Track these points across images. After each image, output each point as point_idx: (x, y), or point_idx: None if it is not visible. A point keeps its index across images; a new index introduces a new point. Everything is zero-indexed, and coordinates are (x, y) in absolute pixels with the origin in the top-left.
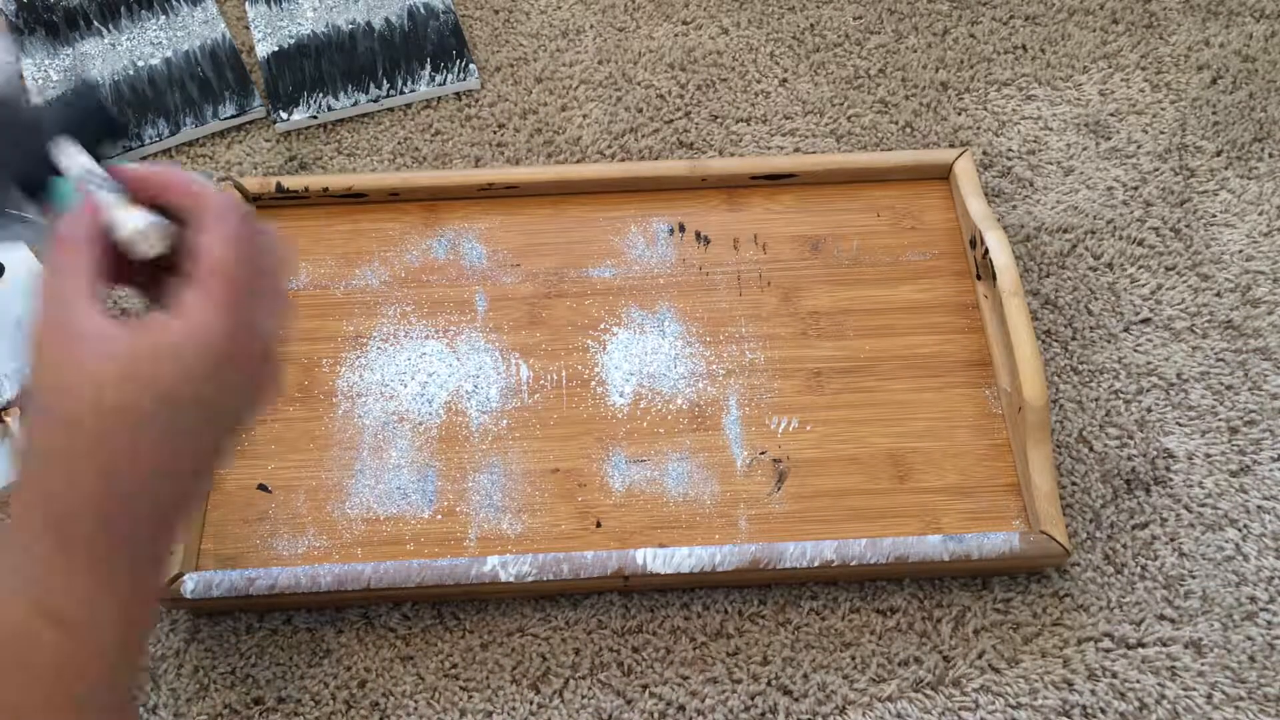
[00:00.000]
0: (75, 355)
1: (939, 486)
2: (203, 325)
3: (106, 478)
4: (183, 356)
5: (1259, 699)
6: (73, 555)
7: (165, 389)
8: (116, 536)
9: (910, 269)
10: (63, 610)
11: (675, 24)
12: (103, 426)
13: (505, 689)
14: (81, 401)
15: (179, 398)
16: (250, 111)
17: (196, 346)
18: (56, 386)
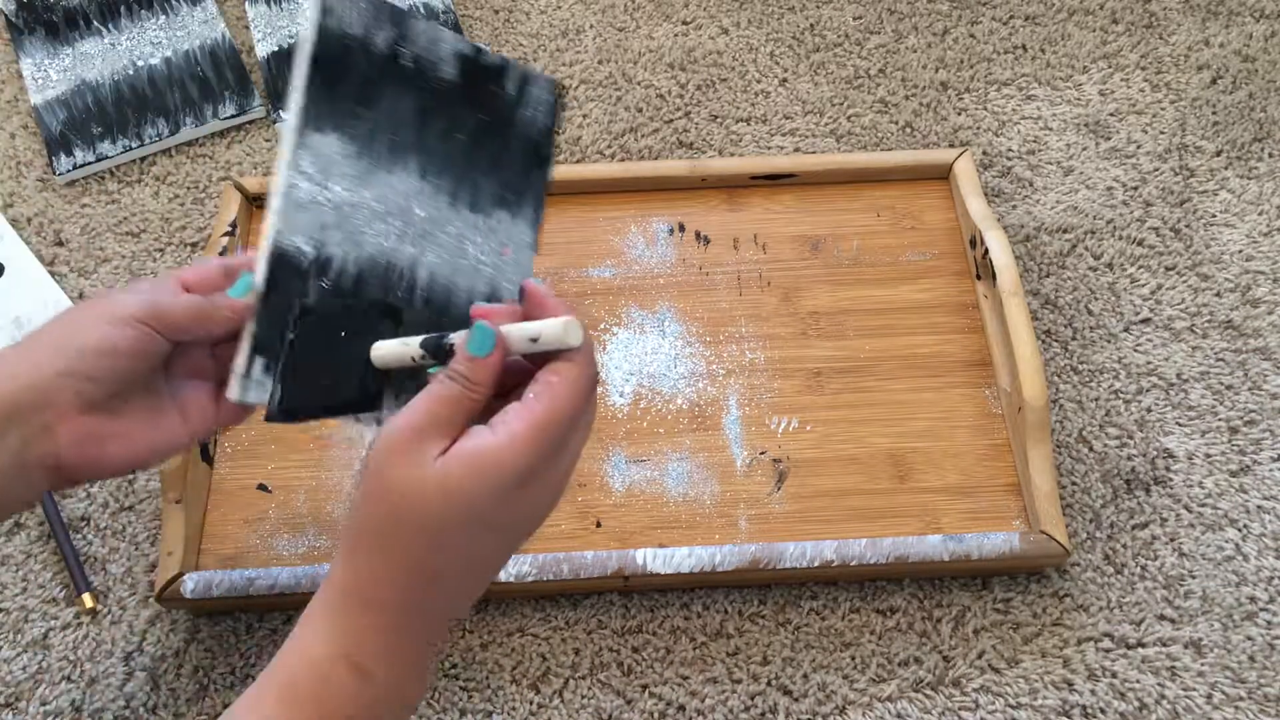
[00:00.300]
0: (413, 474)
1: (939, 486)
2: (508, 451)
3: (409, 574)
4: (484, 486)
5: (1259, 699)
6: (374, 626)
7: (472, 508)
8: (414, 617)
9: (910, 269)
10: (363, 662)
11: (675, 24)
12: (411, 538)
13: (505, 689)
14: (399, 517)
15: (481, 514)
16: (250, 111)
17: (498, 473)
18: (389, 496)
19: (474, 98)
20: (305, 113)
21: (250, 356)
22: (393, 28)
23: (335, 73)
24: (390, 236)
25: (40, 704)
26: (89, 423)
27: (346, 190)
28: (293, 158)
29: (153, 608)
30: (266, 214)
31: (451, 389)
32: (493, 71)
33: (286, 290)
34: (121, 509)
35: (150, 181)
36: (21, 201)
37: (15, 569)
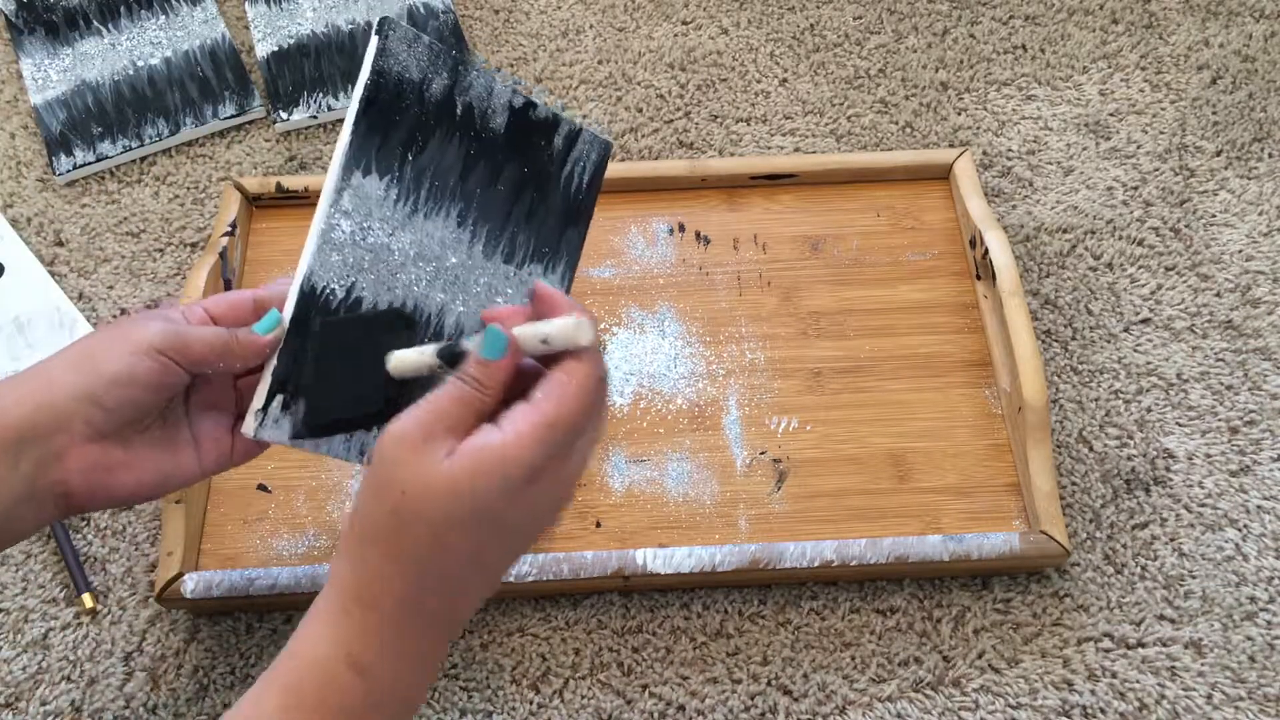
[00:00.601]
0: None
1: (939, 486)
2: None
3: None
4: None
5: (1259, 699)
6: (379, 624)
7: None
8: (417, 616)
9: (910, 269)
10: (364, 660)
11: (675, 24)
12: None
13: (505, 689)
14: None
15: (487, 513)
16: (250, 111)
17: (503, 472)
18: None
19: (520, 150)
20: (351, 154)
21: (270, 394)
22: (449, 75)
23: (386, 115)
24: (421, 282)
25: (40, 704)
26: (97, 451)
27: (384, 234)
28: (334, 197)
29: (153, 608)
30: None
31: (462, 390)
32: (543, 125)
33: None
34: (122, 509)
35: (150, 181)
36: (21, 201)
37: (15, 569)
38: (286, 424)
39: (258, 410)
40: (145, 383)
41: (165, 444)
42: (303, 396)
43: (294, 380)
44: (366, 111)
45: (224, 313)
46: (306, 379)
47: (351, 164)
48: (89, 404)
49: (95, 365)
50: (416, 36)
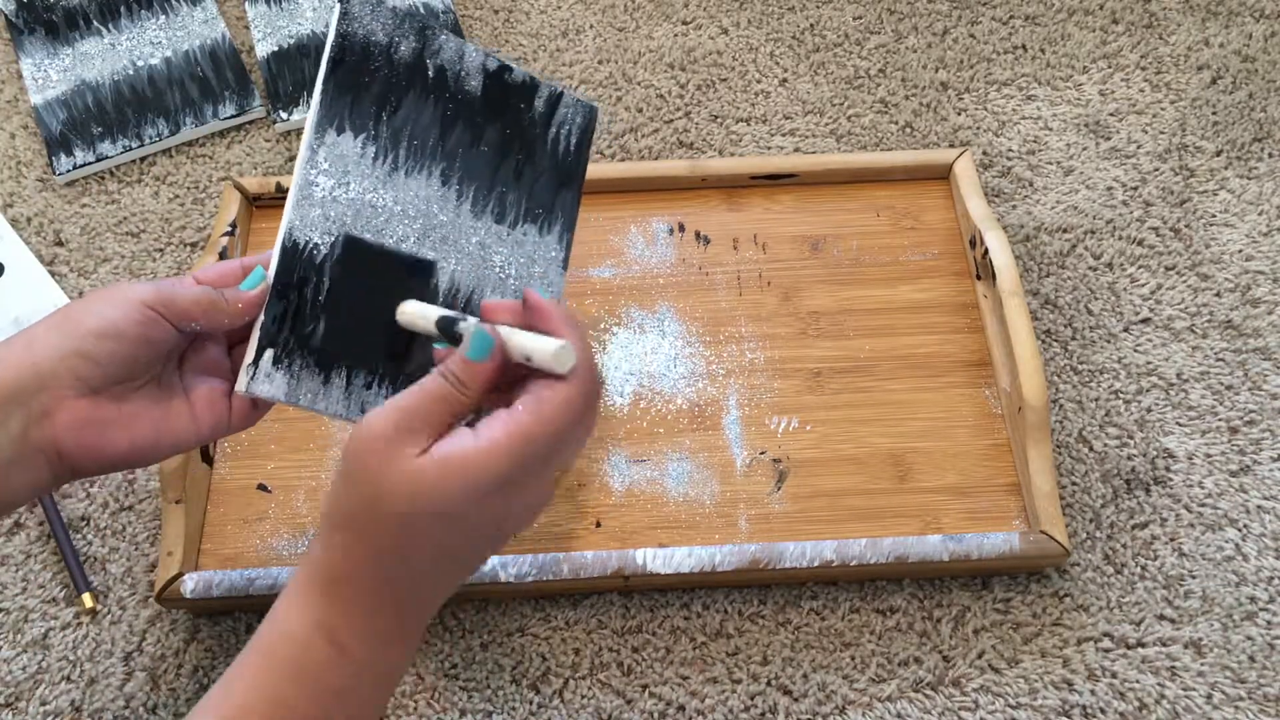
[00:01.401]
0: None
1: (939, 486)
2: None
3: (379, 561)
4: (459, 487)
5: (1259, 699)
6: (350, 603)
7: (445, 509)
8: (386, 599)
9: (910, 269)
10: (339, 635)
11: (675, 24)
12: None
13: (505, 689)
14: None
15: (451, 513)
16: (250, 111)
17: (474, 476)
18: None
19: (499, 112)
20: (323, 112)
21: (260, 349)
22: (416, 39)
23: (356, 76)
24: (410, 239)
25: (40, 704)
26: (88, 407)
27: (366, 190)
28: (309, 154)
29: (153, 608)
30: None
31: (442, 388)
32: (520, 88)
33: (300, 284)
34: (121, 509)
35: (150, 181)
36: (21, 201)
37: (15, 569)
38: (280, 380)
39: (249, 365)
40: (132, 335)
41: (159, 403)
42: (324, 318)
43: (284, 345)
44: (334, 71)
45: (214, 279)
46: (327, 303)
47: (324, 123)
48: (76, 358)
49: (79, 322)
50: (379, 1)
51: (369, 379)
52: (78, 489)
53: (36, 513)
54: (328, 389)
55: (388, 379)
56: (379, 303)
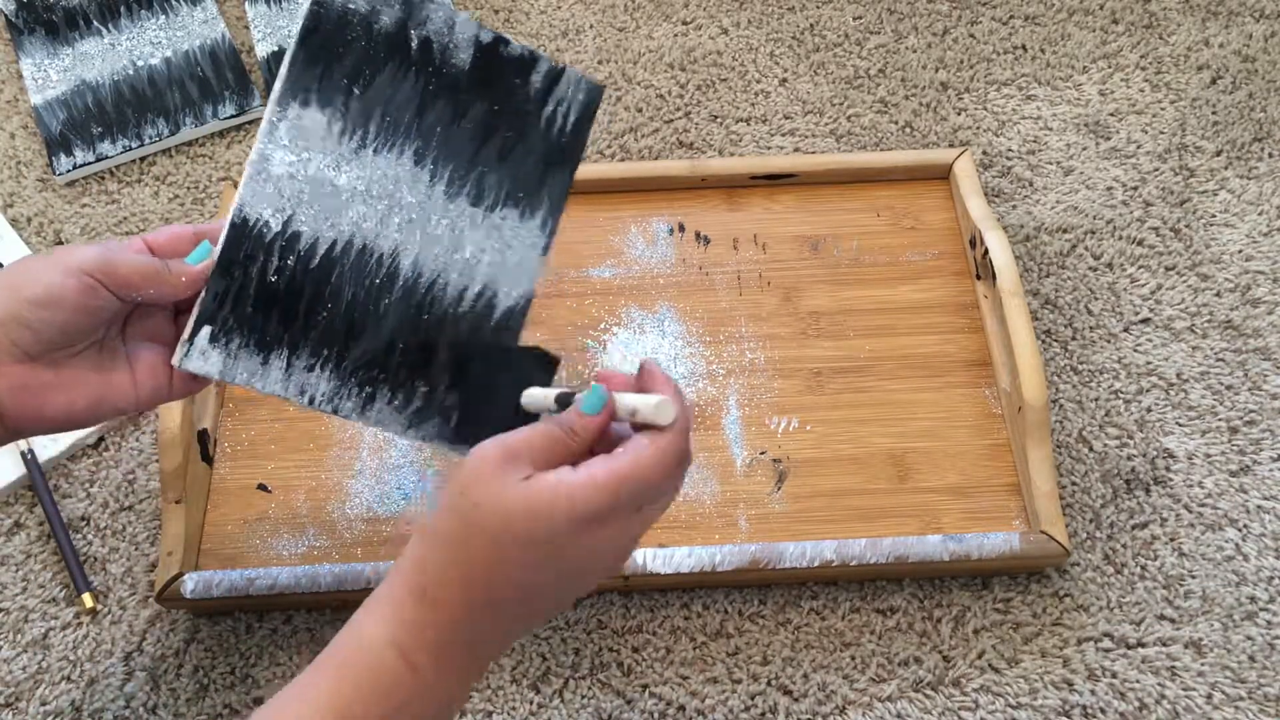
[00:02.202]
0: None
1: (939, 486)
2: (583, 489)
3: (466, 587)
4: (555, 514)
5: (1259, 699)
6: (430, 623)
7: (539, 531)
8: (466, 626)
9: (910, 269)
10: (413, 653)
11: (675, 24)
12: (479, 543)
13: (505, 689)
14: (474, 524)
15: (540, 539)
16: (250, 111)
17: (569, 506)
18: (469, 502)
19: (488, 87)
20: (289, 84)
21: (196, 324)
22: (401, 8)
23: (329, 46)
24: (371, 219)
25: (40, 704)
26: (24, 372)
27: (327, 167)
28: (269, 127)
29: (153, 608)
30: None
31: (553, 430)
32: (516, 63)
33: (246, 262)
34: (121, 509)
35: (150, 181)
36: (21, 201)
37: (15, 569)
38: (216, 357)
39: (184, 340)
40: (71, 303)
41: (99, 369)
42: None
43: (222, 323)
44: (305, 41)
45: (164, 244)
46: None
47: (288, 95)
48: (13, 324)
49: (18, 287)
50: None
51: (312, 362)
52: (78, 489)
53: (36, 513)
54: (266, 369)
55: (332, 362)
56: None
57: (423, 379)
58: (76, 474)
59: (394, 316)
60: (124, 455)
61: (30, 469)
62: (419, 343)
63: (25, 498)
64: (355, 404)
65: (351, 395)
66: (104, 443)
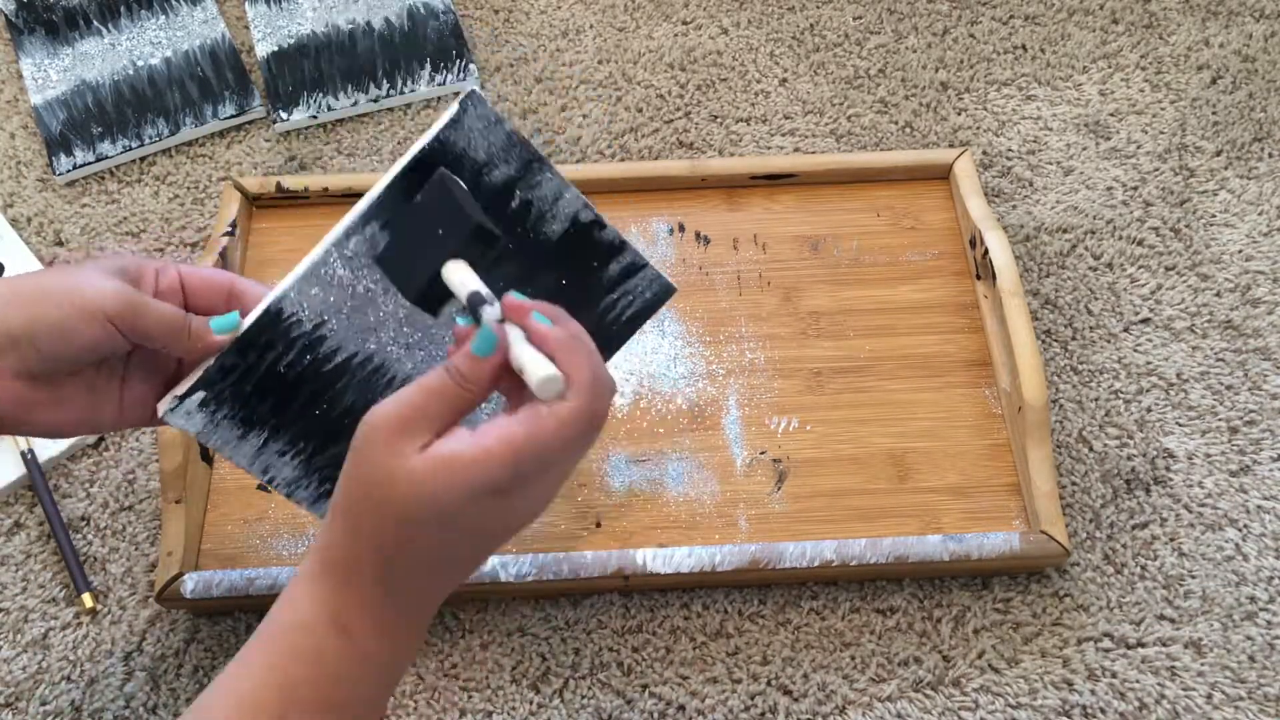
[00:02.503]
0: (390, 464)
1: (939, 486)
2: (478, 464)
3: (380, 554)
4: (452, 490)
5: (1259, 699)
6: (357, 594)
7: (438, 508)
8: (388, 593)
9: (910, 269)
10: (349, 624)
11: (675, 24)
12: (385, 522)
13: (505, 689)
14: (373, 500)
15: (445, 514)
16: (250, 111)
17: (465, 480)
18: (366, 479)
19: (565, 262)
20: (377, 204)
21: (193, 388)
22: (517, 169)
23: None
24: (398, 345)
25: (40, 704)
26: (23, 389)
27: (378, 289)
28: (342, 236)
29: (153, 608)
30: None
31: (445, 384)
32: (603, 247)
33: (263, 348)
34: (121, 509)
35: (150, 181)
36: (21, 201)
37: (15, 569)
38: (199, 420)
39: (175, 395)
40: (84, 343)
41: (91, 392)
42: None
43: (217, 393)
44: (409, 173)
45: (197, 287)
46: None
47: (372, 215)
48: (26, 345)
49: (38, 311)
50: (498, 121)
51: (286, 449)
52: (78, 489)
53: (36, 513)
54: (241, 443)
55: (304, 455)
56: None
57: None
58: (76, 474)
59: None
60: (124, 455)
61: (30, 469)
62: None
63: (25, 498)
64: (310, 494)
65: (310, 487)
66: (104, 443)
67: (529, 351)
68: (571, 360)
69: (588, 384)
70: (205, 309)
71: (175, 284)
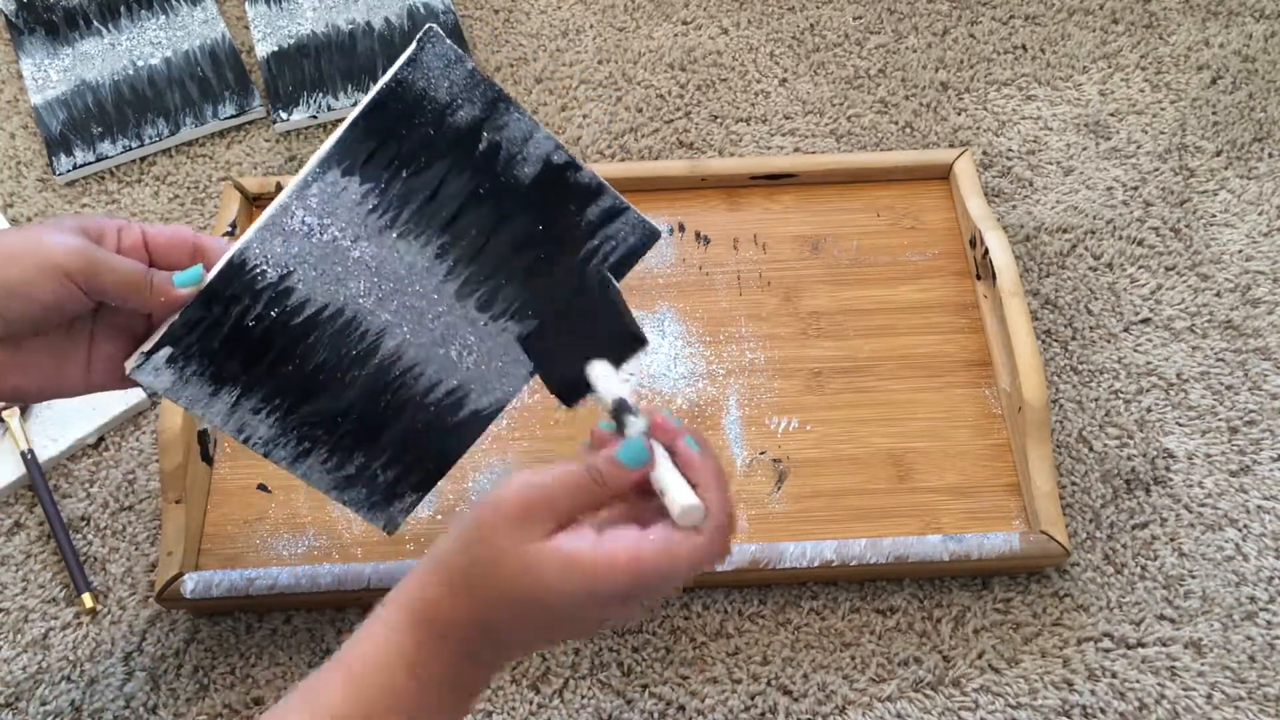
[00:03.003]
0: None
1: (939, 486)
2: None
3: (482, 626)
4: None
5: (1259, 699)
6: (443, 649)
7: (552, 601)
8: (471, 659)
9: (910, 269)
10: (423, 670)
11: (675, 24)
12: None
13: (505, 689)
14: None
15: (557, 609)
16: (250, 111)
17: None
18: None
19: (540, 206)
20: (337, 149)
21: (159, 343)
22: (483, 108)
23: (392, 125)
24: (370, 296)
25: (40, 704)
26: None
27: (344, 237)
28: (302, 184)
29: (153, 608)
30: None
31: (581, 480)
32: (580, 191)
33: (228, 301)
34: (121, 509)
35: (150, 181)
36: (21, 201)
37: (15, 569)
38: (167, 376)
39: (142, 351)
40: (45, 301)
41: (57, 354)
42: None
43: (185, 348)
44: (370, 114)
45: (162, 244)
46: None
47: (332, 160)
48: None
49: (2, 268)
50: (459, 58)
51: (260, 406)
52: (78, 489)
53: (36, 513)
54: (212, 400)
55: (279, 412)
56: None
57: (362, 452)
58: (76, 474)
59: (358, 389)
60: (124, 455)
61: (30, 469)
62: (373, 418)
63: (25, 498)
64: (288, 454)
65: (288, 446)
66: (104, 443)
67: (674, 475)
68: (715, 494)
69: (723, 521)
70: (170, 265)
71: (138, 241)
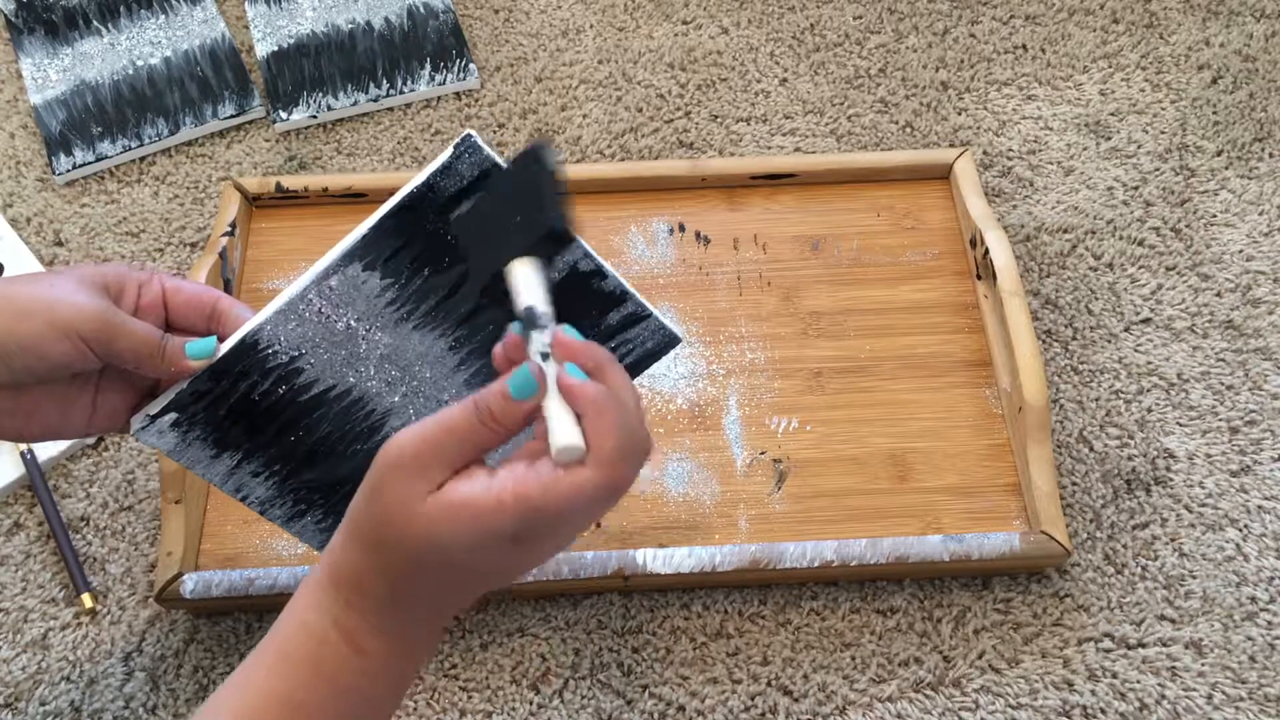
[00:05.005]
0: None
1: (939, 486)
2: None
3: (387, 582)
4: (467, 524)
5: (1259, 699)
6: (364, 606)
7: (447, 553)
8: (398, 612)
9: (910, 269)
10: (358, 637)
11: (675, 24)
12: (394, 556)
13: (505, 689)
14: (385, 534)
15: (453, 557)
16: (250, 111)
17: (475, 527)
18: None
19: (561, 307)
20: (360, 245)
21: (165, 409)
22: None
23: (418, 225)
24: (379, 380)
25: (40, 704)
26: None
27: (359, 325)
28: (322, 274)
29: (153, 608)
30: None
31: (470, 422)
32: (602, 296)
33: (237, 376)
34: (121, 509)
35: (150, 181)
36: (21, 201)
37: (15, 569)
38: (171, 439)
39: (147, 413)
40: (55, 361)
41: (62, 401)
42: (473, 201)
43: (189, 415)
44: (397, 214)
45: (181, 304)
46: (484, 189)
47: (354, 255)
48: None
49: (14, 324)
50: (494, 167)
51: (260, 471)
52: (77, 489)
53: (36, 513)
54: (214, 463)
55: (278, 477)
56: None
57: None
58: (76, 474)
59: (358, 460)
60: (124, 455)
61: (30, 469)
62: None
63: (25, 498)
64: (284, 514)
65: (284, 506)
66: (104, 443)
67: (556, 409)
68: (600, 423)
69: (610, 454)
70: (186, 326)
71: (158, 299)
